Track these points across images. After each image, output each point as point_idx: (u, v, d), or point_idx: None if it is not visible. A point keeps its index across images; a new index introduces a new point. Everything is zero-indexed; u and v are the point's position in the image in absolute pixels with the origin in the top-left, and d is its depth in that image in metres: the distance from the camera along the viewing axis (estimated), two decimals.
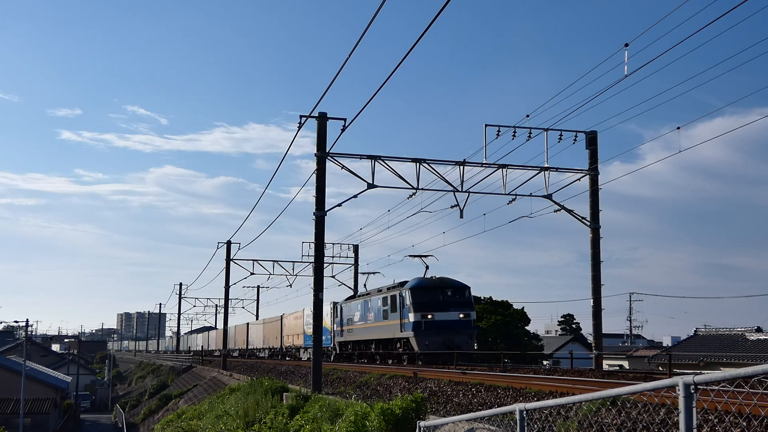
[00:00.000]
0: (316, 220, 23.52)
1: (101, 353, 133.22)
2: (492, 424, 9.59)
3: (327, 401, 17.35)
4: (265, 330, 61.72)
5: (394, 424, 11.83)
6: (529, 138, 25.34)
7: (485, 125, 25.19)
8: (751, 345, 41.07)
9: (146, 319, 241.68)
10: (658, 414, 7.97)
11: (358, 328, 36.13)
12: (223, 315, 54.54)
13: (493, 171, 26.08)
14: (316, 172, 23.57)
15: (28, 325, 56.07)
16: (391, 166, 25.23)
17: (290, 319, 52.07)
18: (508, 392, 15.07)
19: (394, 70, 14.76)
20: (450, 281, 30.35)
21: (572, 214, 27.22)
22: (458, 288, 30.03)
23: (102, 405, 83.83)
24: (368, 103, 19.21)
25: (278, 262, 53.68)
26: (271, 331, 59.12)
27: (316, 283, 23.78)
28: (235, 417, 23.33)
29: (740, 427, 7.50)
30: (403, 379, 21.54)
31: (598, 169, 27.08)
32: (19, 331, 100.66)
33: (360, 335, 35.98)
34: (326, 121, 23.64)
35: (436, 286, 29.68)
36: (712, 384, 4.71)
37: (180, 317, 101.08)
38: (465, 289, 30.12)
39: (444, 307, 28.88)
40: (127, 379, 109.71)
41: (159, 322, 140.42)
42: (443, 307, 28.87)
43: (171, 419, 36.94)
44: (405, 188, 25.76)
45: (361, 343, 36.44)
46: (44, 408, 51.00)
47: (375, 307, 33.41)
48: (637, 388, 5.50)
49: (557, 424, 8.98)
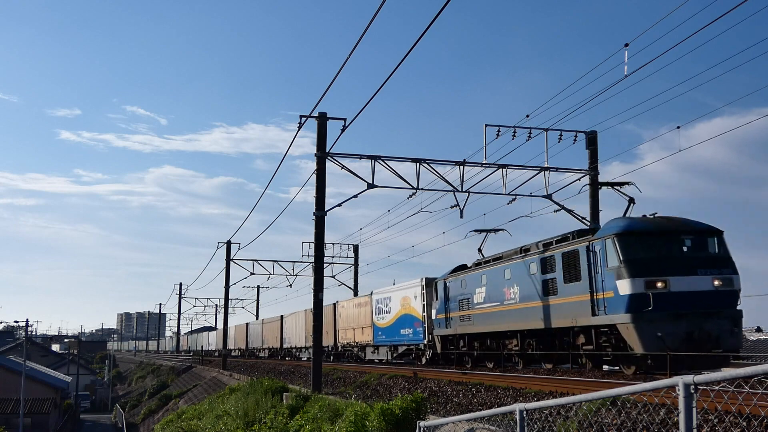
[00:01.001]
0: (316, 220, 23.51)
1: (101, 353, 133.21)
2: (492, 424, 9.59)
3: (327, 401, 17.35)
4: (305, 324, 47.09)
5: (394, 424, 11.83)
6: (529, 138, 25.34)
7: (485, 125, 25.18)
8: (751, 345, 41.08)
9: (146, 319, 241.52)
10: (658, 414, 7.97)
11: (482, 313, 24.36)
12: (223, 315, 54.48)
13: (493, 171, 26.06)
14: (316, 172, 23.56)
15: (28, 325, 56.10)
16: (391, 166, 25.22)
17: (348, 308, 40.39)
18: (508, 392, 15.07)
19: (394, 70, 14.78)
20: (689, 223, 18.29)
21: (572, 214, 27.20)
22: (705, 233, 17.99)
23: (102, 405, 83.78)
24: (368, 103, 19.23)
25: (278, 262, 53.71)
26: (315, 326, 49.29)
27: (316, 283, 23.77)
28: (235, 417, 23.33)
29: (740, 427, 7.50)
30: (403, 379, 21.55)
31: (598, 169, 27.08)
32: (19, 331, 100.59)
33: (487, 324, 24.01)
34: (326, 121, 23.64)
35: (665, 231, 17.68)
36: (712, 384, 4.71)
37: (180, 317, 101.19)
38: (716, 236, 17.93)
39: (685, 267, 17.06)
40: (127, 379, 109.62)
41: (159, 322, 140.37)
42: (684, 267, 17.05)
43: (171, 419, 36.93)
44: (405, 188, 25.75)
45: (487, 337, 24.58)
46: (44, 408, 50.98)
47: (521, 277, 21.72)
48: (637, 388, 5.50)
49: (557, 424, 8.98)
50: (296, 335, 51.56)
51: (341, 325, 41.06)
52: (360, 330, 38.11)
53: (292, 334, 53.02)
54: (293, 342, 52.51)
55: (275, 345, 57.54)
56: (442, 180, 25.83)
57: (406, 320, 32.22)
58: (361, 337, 37.74)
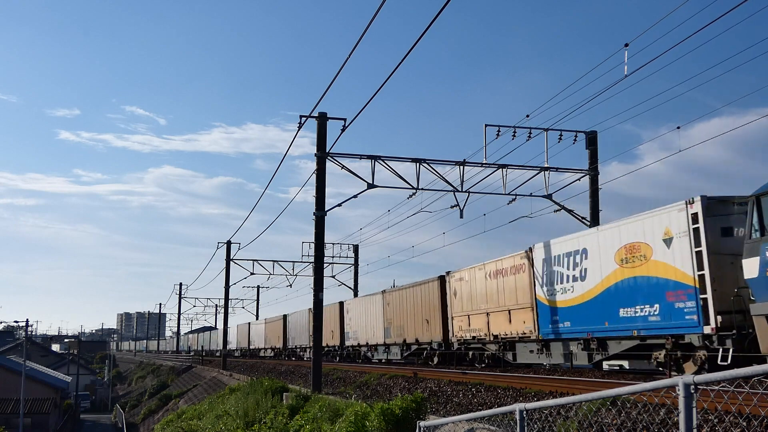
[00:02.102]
0: (316, 220, 23.52)
1: (101, 353, 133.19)
2: (492, 424, 9.59)
3: (327, 401, 17.35)
4: (388, 311, 34.30)
5: (394, 424, 11.83)
6: (529, 138, 25.35)
7: (485, 125, 25.20)
8: None
9: (146, 319, 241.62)
10: (658, 414, 7.97)
11: None
12: (223, 315, 54.50)
13: (493, 171, 26.07)
14: (316, 172, 23.57)
15: (28, 325, 56.12)
16: (391, 166, 25.23)
17: (475, 279, 26.25)
18: (508, 392, 15.08)
19: (394, 70, 14.78)
20: None
21: (572, 214, 27.21)
22: None
23: (102, 405, 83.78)
24: (368, 103, 19.23)
25: (278, 262, 53.74)
26: (392, 312, 33.66)
27: (316, 283, 23.78)
28: (235, 417, 23.33)
29: (740, 427, 7.50)
30: (403, 379, 21.56)
31: (598, 169, 27.09)
32: (19, 331, 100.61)
33: None
34: (326, 121, 23.65)
35: None
36: (712, 384, 4.71)
37: (180, 317, 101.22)
38: None
39: None
40: (127, 379, 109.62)
41: (159, 322, 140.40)
42: None
43: (171, 419, 36.94)
44: (405, 188, 25.77)
45: None
46: (44, 408, 50.99)
47: None
48: (637, 388, 5.50)
49: (557, 424, 8.98)
50: None
51: (456, 309, 27.23)
52: (503, 314, 23.72)
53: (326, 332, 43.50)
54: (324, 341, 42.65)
55: (305, 343, 49.57)
56: (442, 180, 25.85)
57: (636, 288, 17.34)
58: (508, 326, 23.40)
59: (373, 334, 36.47)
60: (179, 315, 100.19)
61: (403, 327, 32.29)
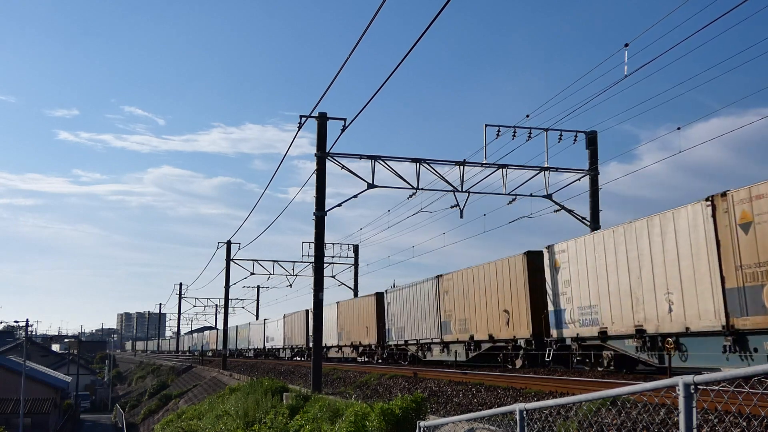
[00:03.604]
0: (316, 220, 23.51)
1: (101, 353, 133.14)
2: (492, 424, 9.59)
3: (327, 401, 17.34)
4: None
5: (394, 424, 11.82)
6: (529, 138, 25.36)
7: (485, 125, 25.22)
8: None
9: (146, 319, 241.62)
10: (658, 414, 7.97)
11: None
12: (223, 315, 54.46)
13: (493, 171, 26.08)
14: (316, 172, 23.57)
15: (28, 325, 56.11)
16: (391, 166, 25.23)
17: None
18: (508, 392, 15.07)
19: (394, 70, 14.77)
20: None
21: (572, 214, 27.21)
22: None
23: (102, 405, 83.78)
24: (368, 103, 19.23)
25: (278, 262, 53.73)
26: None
27: (316, 283, 23.77)
28: (235, 417, 23.32)
29: (740, 427, 7.49)
30: (403, 379, 21.55)
31: (598, 169, 27.08)
32: (19, 331, 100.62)
33: None
34: (326, 121, 23.65)
35: None
36: (712, 384, 4.71)
37: (180, 317, 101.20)
38: None
39: None
40: (127, 379, 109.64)
41: (159, 322, 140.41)
42: None
43: (171, 419, 36.92)
44: (405, 188, 25.77)
45: None
46: (44, 408, 50.98)
47: None
48: (637, 388, 5.50)
49: (557, 424, 8.98)
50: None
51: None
52: None
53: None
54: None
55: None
56: (442, 180, 25.86)
57: None
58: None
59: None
60: (179, 315, 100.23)
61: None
